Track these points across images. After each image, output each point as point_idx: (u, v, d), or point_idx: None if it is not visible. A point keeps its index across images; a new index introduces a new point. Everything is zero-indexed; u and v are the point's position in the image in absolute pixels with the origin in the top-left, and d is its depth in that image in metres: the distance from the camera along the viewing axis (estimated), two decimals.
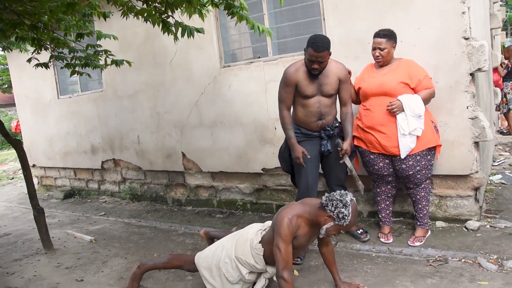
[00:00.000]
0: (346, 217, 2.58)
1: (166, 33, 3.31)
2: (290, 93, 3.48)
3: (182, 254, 3.31)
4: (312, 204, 2.75)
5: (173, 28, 3.30)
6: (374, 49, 3.51)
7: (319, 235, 2.74)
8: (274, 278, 2.90)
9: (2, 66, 24.06)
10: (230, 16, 3.21)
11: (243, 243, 2.90)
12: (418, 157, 3.42)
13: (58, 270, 3.79)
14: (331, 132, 3.57)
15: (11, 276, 3.75)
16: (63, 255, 4.18)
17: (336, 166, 3.66)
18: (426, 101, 3.42)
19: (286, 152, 3.74)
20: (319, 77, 3.41)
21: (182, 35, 3.25)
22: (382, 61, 3.51)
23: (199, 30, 3.27)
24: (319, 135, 3.56)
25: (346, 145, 3.49)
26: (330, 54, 3.35)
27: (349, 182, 3.92)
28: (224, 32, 4.98)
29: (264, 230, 2.96)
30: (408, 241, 3.59)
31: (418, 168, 3.45)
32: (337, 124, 3.65)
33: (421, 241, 3.55)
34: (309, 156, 3.47)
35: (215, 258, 2.95)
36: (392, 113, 3.38)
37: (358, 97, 3.72)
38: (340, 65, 3.51)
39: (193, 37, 3.27)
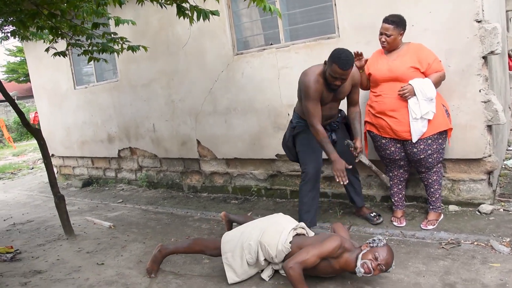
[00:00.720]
0: (378, 241, 2.70)
1: (182, 17, 3.35)
2: (318, 106, 3.42)
3: (204, 239, 3.37)
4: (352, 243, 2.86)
5: (189, 12, 3.34)
6: (380, 34, 3.52)
7: (356, 268, 2.71)
8: (281, 272, 3.02)
9: (19, 59, 24.46)
10: None
11: (274, 233, 2.95)
12: (429, 141, 3.44)
13: (80, 255, 3.93)
14: (335, 126, 3.70)
15: (36, 260, 3.89)
16: (83, 241, 4.32)
17: (344, 156, 3.69)
18: (436, 84, 3.42)
19: (290, 142, 3.80)
20: None
21: (198, 19, 3.28)
22: (387, 47, 3.52)
23: (214, 13, 3.30)
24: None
25: (358, 143, 3.57)
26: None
27: (363, 171, 3.96)
28: (237, 20, 5.02)
29: (296, 230, 3.01)
30: (421, 225, 3.63)
31: (429, 152, 3.47)
32: (338, 115, 3.74)
33: (434, 225, 3.59)
34: (350, 167, 3.45)
35: (242, 238, 3.02)
36: (404, 97, 3.39)
37: (369, 83, 3.74)
38: (355, 69, 3.49)
39: (208, 20, 3.30)
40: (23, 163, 11.92)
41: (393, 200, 3.85)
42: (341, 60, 3.17)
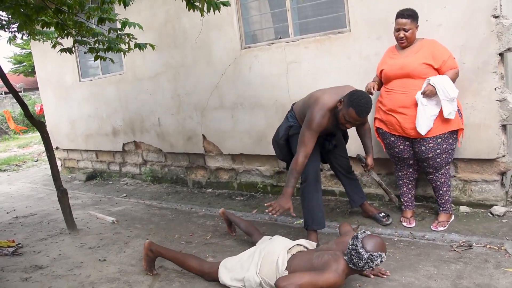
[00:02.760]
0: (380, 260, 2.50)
1: (192, 10, 3.26)
2: (315, 139, 3.22)
3: (201, 261, 3.13)
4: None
5: (199, 4, 3.24)
6: (397, 30, 3.40)
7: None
8: None
9: (25, 51, 24.48)
10: None
11: (269, 264, 2.77)
12: (439, 140, 3.33)
13: (82, 250, 3.86)
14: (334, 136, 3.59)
15: (38, 254, 3.83)
16: (86, 236, 4.25)
17: (342, 154, 3.73)
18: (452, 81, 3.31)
19: (283, 140, 3.59)
20: None
21: (208, 10, 3.19)
22: (406, 43, 3.41)
23: (225, 3, 3.21)
24: None
25: (370, 160, 3.60)
26: None
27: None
28: (245, 13, 4.91)
29: (290, 252, 2.82)
30: (431, 226, 3.53)
31: (438, 151, 3.36)
32: None
33: (445, 226, 3.49)
34: (294, 215, 3.34)
35: (240, 273, 2.84)
36: (426, 97, 3.27)
37: (381, 80, 3.64)
38: None
39: (219, 11, 3.20)
40: (28, 155, 11.90)
41: (402, 200, 3.75)
42: (361, 107, 2.99)
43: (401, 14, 3.37)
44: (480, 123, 3.58)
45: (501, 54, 3.46)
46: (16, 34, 4.60)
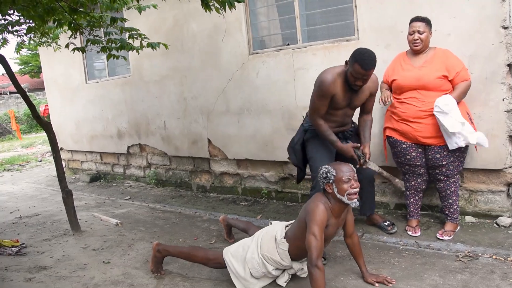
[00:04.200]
0: (328, 171, 2.68)
1: (208, 11, 3.27)
2: (325, 105, 3.31)
3: (206, 250, 3.25)
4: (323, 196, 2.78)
5: (214, 2, 3.26)
6: (412, 33, 3.38)
7: (349, 204, 2.68)
8: (298, 273, 2.92)
9: (31, 52, 24.60)
10: None
11: (268, 240, 2.89)
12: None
13: (86, 252, 3.86)
14: (349, 135, 3.57)
15: (41, 255, 3.84)
16: (90, 237, 4.25)
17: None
18: (464, 94, 3.34)
19: (299, 145, 3.63)
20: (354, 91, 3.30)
21: (224, 7, 3.20)
22: (420, 46, 3.39)
23: (239, 0, 3.22)
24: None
25: (366, 149, 3.39)
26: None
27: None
28: (253, 19, 4.93)
29: (288, 226, 2.95)
30: (437, 234, 3.51)
31: (452, 158, 3.36)
32: (352, 125, 3.63)
33: (450, 236, 3.48)
34: (358, 145, 3.38)
35: (242, 254, 2.94)
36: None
37: (390, 87, 3.63)
38: (375, 78, 3.37)
39: (235, 9, 3.22)
40: (32, 155, 11.92)
41: (408, 210, 3.73)
42: (364, 60, 3.05)
43: (416, 18, 3.38)
44: (487, 133, 3.56)
45: (509, 65, 3.46)
46: (24, 38, 4.63)
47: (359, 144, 3.39)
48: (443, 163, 3.38)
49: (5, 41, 4.73)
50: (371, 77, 3.25)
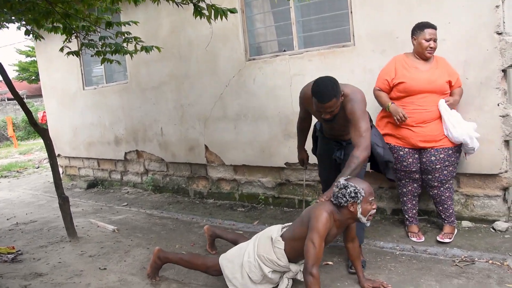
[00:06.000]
0: (356, 191, 2.58)
1: (199, 17, 3.29)
2: (303, 112, 3.36)
3: (205, 258, 3.22)
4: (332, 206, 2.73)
5: (206, 11, 3.28)
6: (428, 40, 3.35)
7: (365, 224, 2.70)
8: (297, 277, 2.88)
9: (30, 58, 24.64)
10: None
11: (265, 240, 2.88)
12: (449, 152, 3.37)
13: (82, 258, 3.85)
14: (344, 144, 3.25)
15: (37, 262, 3.82)
16: (86, 244, 4.24)
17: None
18: (460, 98, 3.42)
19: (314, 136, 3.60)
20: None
21: (216, 17, 3.22)
22: (433, 53, 3.41)
23: (232, 10, 3.24)
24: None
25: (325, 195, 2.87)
26: (341, 97, 2.89)
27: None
28: (250, 25, 4.96)
29: (285, 227, 2.95)
30: (437, 237, 3.51)
31: (447, 163, 3.38)
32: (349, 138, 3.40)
33: (451, 238, 3.48)
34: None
35: (239, 258, 2.91)
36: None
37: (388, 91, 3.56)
38: (350, 97, 2.93)
39: (226, 18, 3.25)
40: (29, 162, 11.90)
41: (406, 216, 3.73)
42: (318, 92, 2.82)
43: (430, 25, 3.37)
44: (483, 138, 3.57)
45: (504, 70, 3.49)
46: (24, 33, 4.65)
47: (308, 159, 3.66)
48: (437, 166, 3.39)
49: None
50: (348, 96, 2.93)
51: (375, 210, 2.66)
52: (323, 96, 2.80)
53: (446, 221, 3.57)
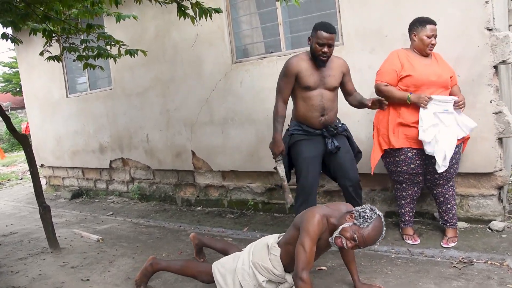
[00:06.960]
0: (367, 218, 2.40)
1: (183, 17, 3.18)
2: (289, 84, 3.32)
3: (197, 263, 3.11)
4: (340, 209, 2.60)
5: (190, 11, 3.16)
6: (430, 36, 3.24)
7: (330, 238, 2.51)
8: None
9: (13, 69, 24.27)
10: None
11: (261, 248, 2.74)
12: (456, 149, 3.22)
13: (64, 269, 3.67)
14: (335, 132, 3.35)
15: (15, 275, 3.62)
16: (69, 254, 4.06)
17: (347, 162, 3.38)
18: None
19: (285, 151, 3.44)
20: (322, 69, 3.27)
21: (200, 17, 3.12)
22: (432, 50, 3.32)
23: (217, 10, 3.15)
24: (322, 133, 3.34)
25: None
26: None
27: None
28: (236, 27, 4.85)
29: (282, 236, 2.80)
30: (441, 243, 3.38)
31: (454, 160, 3.24)
32: (340, 124, 3.44)
33: (455, 242, 3.36)
34: (283, 155, 3.41)
35: (232, 265, 2.78)
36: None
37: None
38: (341, 59, 3.43)
39: (211, 19, 3.16)
40: (12, 173, 11.62)
41: (402, 219, 3.58)
42: (325, 25, 3.19)
43: (430, 21, 3.25)
44: (476, 136, 3.50)
45: (495, 67, 3.42)
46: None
47: (285, 152, 3.41)
48: None
49: None
50: (338, 58, 3.40)
51: (340, 245, 2.47)
52: (329, 27, 3.18)
53: (448, 224, 3.44)
